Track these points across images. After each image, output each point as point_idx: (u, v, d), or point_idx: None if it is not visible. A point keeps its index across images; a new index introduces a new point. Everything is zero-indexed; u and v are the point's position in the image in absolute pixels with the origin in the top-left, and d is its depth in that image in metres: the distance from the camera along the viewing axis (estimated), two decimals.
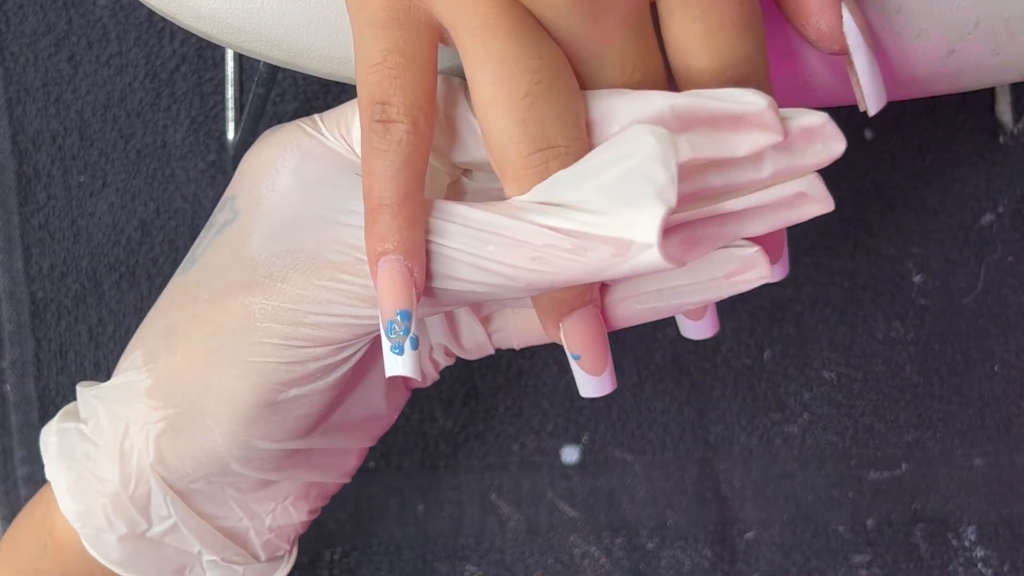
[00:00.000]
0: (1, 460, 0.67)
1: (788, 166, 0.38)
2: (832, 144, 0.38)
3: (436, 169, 0.41)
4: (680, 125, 0.37)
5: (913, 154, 0.71)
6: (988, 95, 0.71)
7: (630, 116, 0.37)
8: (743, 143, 0.37)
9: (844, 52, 0.40)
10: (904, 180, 0.71)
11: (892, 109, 0.70)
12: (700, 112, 0.37)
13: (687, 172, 0.37)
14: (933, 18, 0.42)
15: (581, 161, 0.36)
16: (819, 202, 0.39)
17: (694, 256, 0.39)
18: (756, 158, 0.37)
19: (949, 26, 0.42)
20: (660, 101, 0.37)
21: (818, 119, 0.37)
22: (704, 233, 0.39)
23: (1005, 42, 0.42)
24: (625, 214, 0.35)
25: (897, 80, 0.43)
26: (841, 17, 0.39)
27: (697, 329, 0.45)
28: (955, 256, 0.71)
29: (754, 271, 0.40)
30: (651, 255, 0.34)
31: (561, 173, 0.36)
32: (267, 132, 0.43)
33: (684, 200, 0.37)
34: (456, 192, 0.42)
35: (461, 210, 0.37)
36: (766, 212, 0.39)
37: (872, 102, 0.41)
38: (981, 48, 0.42)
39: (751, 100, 0.36)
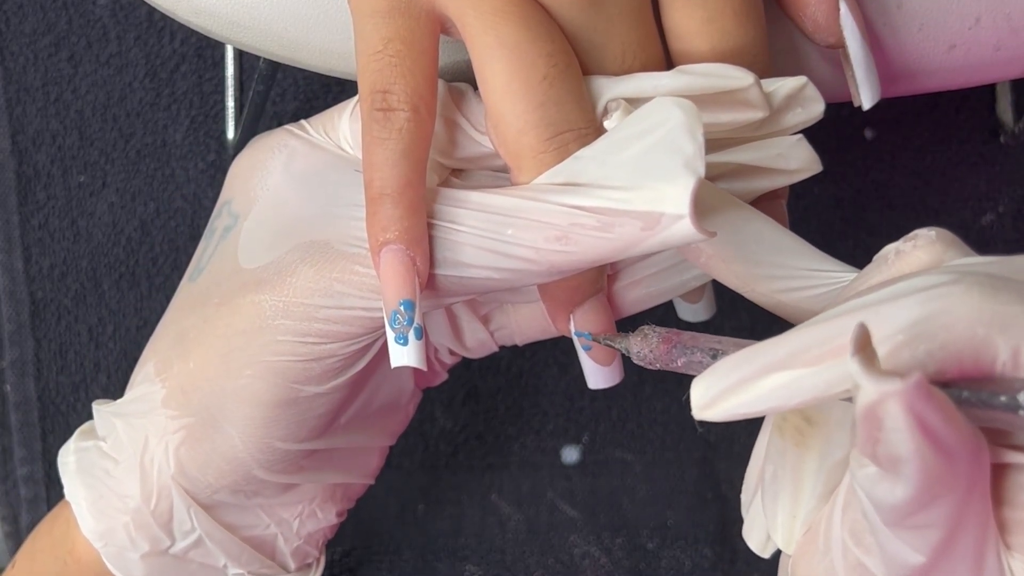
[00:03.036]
0: (1, 460, 0.67)
1: (771, 129, 0.38)
2: (811, 106, 0.38)
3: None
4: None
5: (913, 154, 0.71)
6: (988, 94, 0.71)
7: (614, 95, 0.37)
8: (726, 116, 0.37)
9: (840, 45, 0.40)
10: (904, 180, 0.71)
11: (892, 108, 0.70)
12: (682, 90, 0.37)
13: None
14: (934, 13, 0.42)
15: (602, 138, 0.36)
16: (804, 161, 0.39)
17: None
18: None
19: (950, 21, 0.42)
20: (646, 82, 0.37)
21: (797, 83, 0.38)
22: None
23: (1007, 37, 0.42)
24: (653, 187, 0.34)
25: (897, 76, 0.43)
26: (838, 9, 0.39)
27: (694, 311, 0.45)
28: None
29: None
30: (683, 226, 0.34)
31: (582, 151, 0.36)
32: (255, 138, 0.43)
33: None
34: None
35: (474, 196, 0.37)
36: (753, 174, 0.39)
37: (866, 96, 0.41)
38: (982, 44, 0.42)
39: (736, 76, 0.36)
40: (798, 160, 0.39)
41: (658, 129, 0.34)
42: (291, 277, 0.39)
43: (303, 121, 0.42)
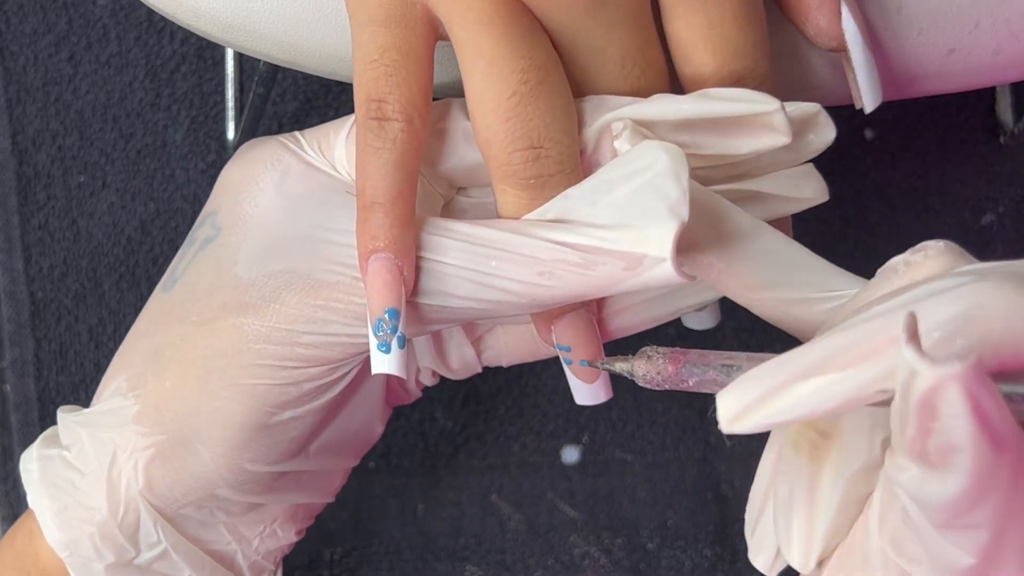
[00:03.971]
0: (1, 460, 0.67)
1: (786, 155, 0.38)
2: (823, 132, 0.38)
3: (431, 190, 0.41)
4: (686, 125, 0.37)
5: (913, 154, 0.71)
6: (988, 95, 0.71)
7: (634, 117, 0.37)
8: (746, 144, 0.37)
9: (842, 49, 0.40)
10: (904, 180, 0.71)
11: (892, 109, 0.70)
12: (705, 114, 0.37)
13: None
14: (933, 17, 0.42)
15: (591, 178, 0.36)
16: (815, 191, 0.39)
17: None
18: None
19: (949, 25, 0.42)
20: (666, 103, 0.37)
21: (811, 109, 0.38)
22: None
23: (1006, 41, 0.42)
24: (638, 229, 0.35)
25: (897, 79, 0.43)
26: (840, 14, 0.39)
27: (699, 319, 0.46)
28: None
29: None
30: (664, 269, 0.34)
31: (571, 190, 0.36)
32: (246, 145, 0.43)
33: None
34: (451, 211, 0.42)
35: (460, 227, 0.37)
36: (765, 201, 0.39)
37: (868, 99, 0.41)
38: (982, 47, 0.43)
39: (761, 100, 0.36)
40: (810, 189, 0.39)
41: (645, 172, 0.35)
42: (275, 303, 0.39)
43: (298, 134, 0.42)
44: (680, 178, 0.34)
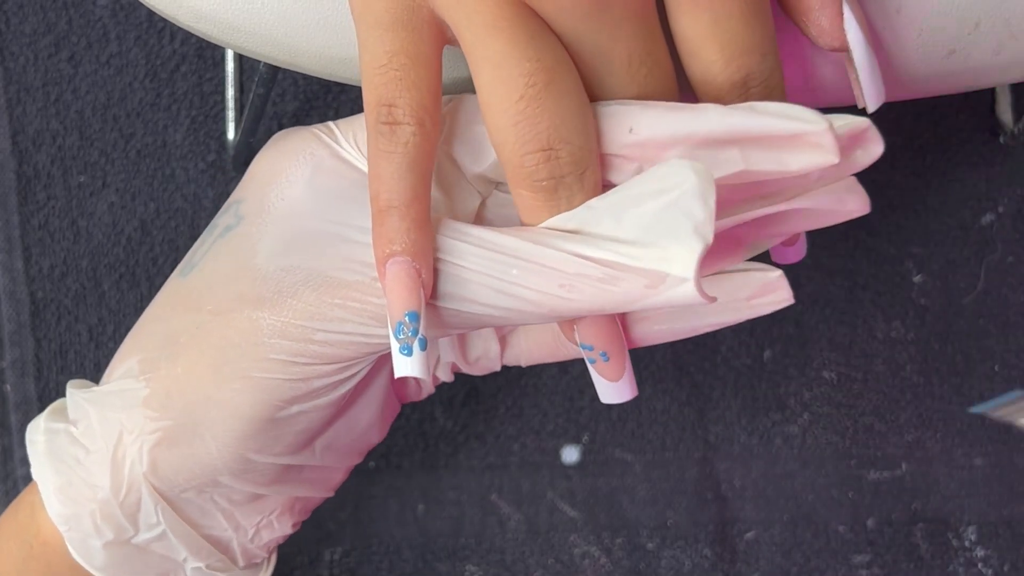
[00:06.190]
0: (1, 460, 0.67)
1: (832, 172, 0.38)
2: (872, 147, 0.38)
3: (468, 187, 0.41)
4: (734, 140, 0.37)
5: (913, 154, 0.71)
6: (988, 95, 0.71)
7: (682, 130, 0.37)
8: (797, 160, 0.37)
9: (844, 48, 0.40)
10: (904, 180, 0.71)
11: (892, 109, 0.70)
12: (755, 131, 0.36)
13: (734, 177, 0.37)
14: (933, 18, 0.42)
15: (616, 190, 0.36)
16: (858, 204, 0.39)
17: (735, 260, 0.40)
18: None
19: (950, 26, 0.42)
20: (714, 117, 0.37)
21: (862, 124, 0.37)
22: (745, 234, 0.39)
23: (1006, 42, 0.42)
24: (661, 247, 0.35)
25: (898, 80, 0.43)
26: (842, 13, 0.39)
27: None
28: (955, 256, 0.71)
29: (775, 295, 0.41)
30: (686, 289, 0.34)
31: (594, 202, 0.36)
32: (281, 134, 0.43)
33: (728, 204, 0.37)
34: (488, 207, 0.42)
35: (476, 231, 0.37)
36: (807, 214, 0.39)
37: (871, 99, 0.41)
38: (982, 48, 0.42)
39: (809, 119, 0.36)
40: (853, 203, 0.39)
41: (673, 191, 0.35)
42: (291, 298, 0.39)
43: (332, 125, 0.42)
44: (707, 199, 0.34)
